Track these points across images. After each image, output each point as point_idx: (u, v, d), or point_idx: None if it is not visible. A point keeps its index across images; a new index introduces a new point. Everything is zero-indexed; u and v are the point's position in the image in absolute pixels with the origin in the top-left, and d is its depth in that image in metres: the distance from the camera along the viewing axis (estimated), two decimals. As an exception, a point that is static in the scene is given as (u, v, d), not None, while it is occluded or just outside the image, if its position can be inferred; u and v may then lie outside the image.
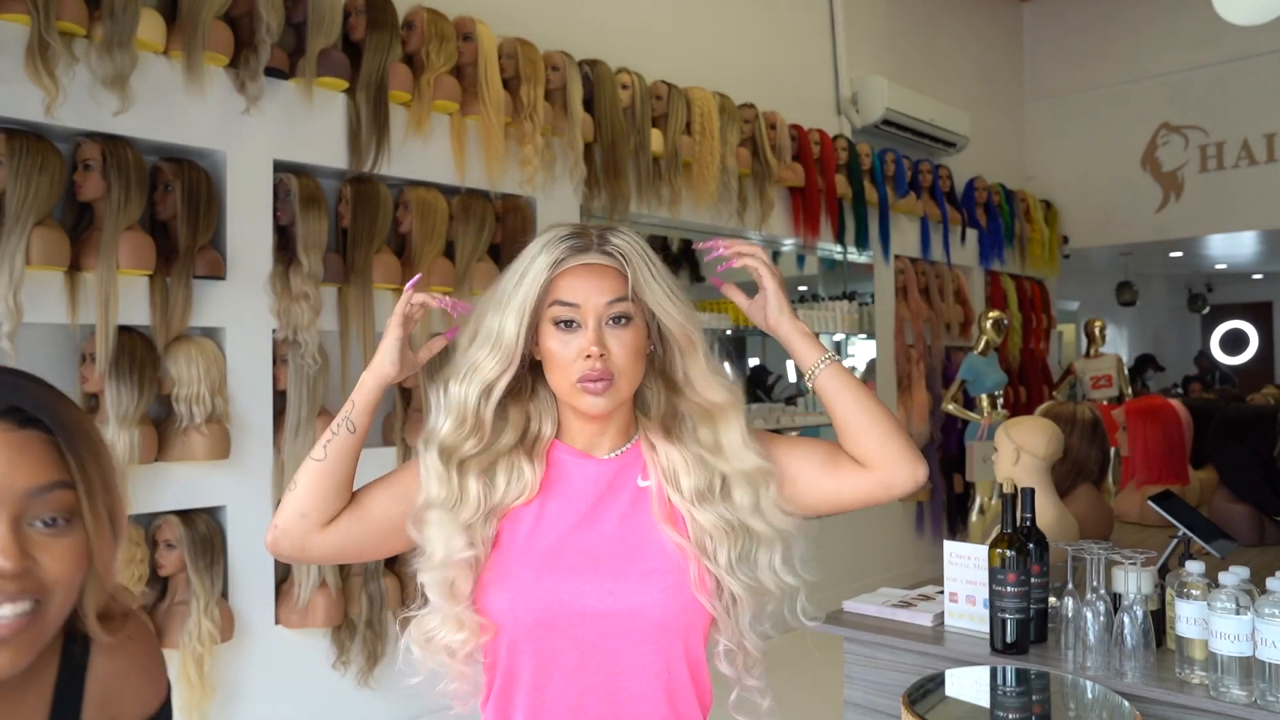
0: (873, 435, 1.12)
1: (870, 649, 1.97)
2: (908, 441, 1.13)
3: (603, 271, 1.08)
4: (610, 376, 1.07)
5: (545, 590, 1.06)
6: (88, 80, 2.41)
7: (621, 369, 1.08)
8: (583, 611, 1.06)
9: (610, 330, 1.08)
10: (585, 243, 1.09)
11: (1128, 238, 7.28)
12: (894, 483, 1.12)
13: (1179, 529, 1.95)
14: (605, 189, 3.69)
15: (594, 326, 1.07)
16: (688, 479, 1.10)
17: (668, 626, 1.07)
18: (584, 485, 1.13)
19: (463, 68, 3.26)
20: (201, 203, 2.59)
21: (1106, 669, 1.67)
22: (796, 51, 5.31)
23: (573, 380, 1.07)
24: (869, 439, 1.12)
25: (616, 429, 1.15)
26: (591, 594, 1.06)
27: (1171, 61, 6.89)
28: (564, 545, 1.09)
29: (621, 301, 1.08)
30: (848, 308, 5.23)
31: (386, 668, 2.98)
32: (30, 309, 2.28)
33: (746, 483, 1.10)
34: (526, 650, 1.07)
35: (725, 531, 1.08)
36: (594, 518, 1.11)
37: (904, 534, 5.49)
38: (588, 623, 1.06)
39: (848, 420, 1.13)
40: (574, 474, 1.13)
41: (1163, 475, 3.02)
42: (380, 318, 2.99)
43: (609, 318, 1.08)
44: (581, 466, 1.14)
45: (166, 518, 2.55)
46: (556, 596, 1.06)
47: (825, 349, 1.15)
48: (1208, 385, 9.29)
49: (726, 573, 1.07)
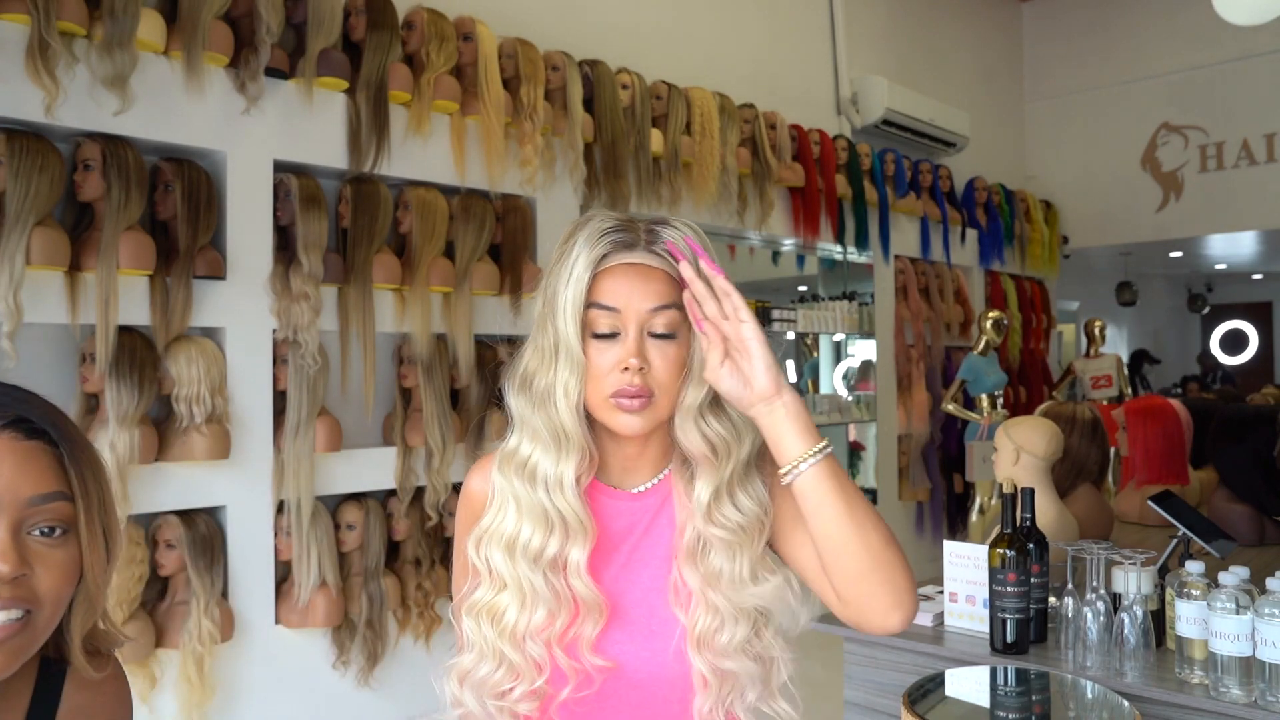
0: (848, 565, 0.91)
1: (870, 649, 1.97)
2: (890, 579, 0.91)
3: (648, 274, 0.95)
4: (649, 394, 0.94)
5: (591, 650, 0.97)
6: (88, 80, 2.40)
7: (663, 385, 0.95)
8: (629, 674, 0.97)
9: (653, 341, 0.95)
10: (631, 238, 0.96)
11: (1128, 238, 7.28)
12: (861, 624, 0.93)
13: (1179, 529, 1.95)
14: (605, 189, 3.69)
15: (634, 336, 0.94)
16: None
17: (722, 688, 0.98)
18: (618, 527, 1.01)
19: (463, 68, 3.26)
20: (201, 203, 2.59)
21: (1106, 669, 1.67)
22: (796, 51, 5.31)
23: (605, 395, 0.95)
24: (842, 569, 0.92)
25: (655, 453, 1.02)
26: (635, 655, 0.97)
27: (1171, 61, 6.89)
28: (607, 600, 0.98)
29: (667, 310, 0.95)
30: (848, 308, 5.23)
31: (386, 668, 2.98)
32: (30, 309, 2.28)
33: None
34: (569, 713, 0.99)
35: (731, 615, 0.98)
36: (630, 567, 1.01)
37: (904, 534, 5.49)
38: (638, 687, 0.97)
39: (824, 539, 0.92)
40: (608, 513, 1.02)
41: (1163, 475, 3.02)
42: (380, 318, 3.00)
43: (652, 327, 0.95)
44: (615, 505, 1.02)
45: (166, 518, 2.55)
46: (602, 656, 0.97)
47: (821, 437, 0.92)
48: (1205, 386, 9.29)
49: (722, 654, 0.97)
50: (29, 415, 0.78)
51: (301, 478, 2.74)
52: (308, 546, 2.74)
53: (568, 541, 0.97)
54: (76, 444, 0.80)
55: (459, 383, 3.18)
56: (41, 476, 0.77)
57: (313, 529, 2.75)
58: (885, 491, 5.38)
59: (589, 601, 0.96)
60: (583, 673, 0.96)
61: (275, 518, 2.75)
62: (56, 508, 0.78)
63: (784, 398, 0.91)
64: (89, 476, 0.80)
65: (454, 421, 3.12)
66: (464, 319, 3.16)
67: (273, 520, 2.75)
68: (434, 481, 3.05)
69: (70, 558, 0.79)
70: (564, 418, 0.95)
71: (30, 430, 0.78)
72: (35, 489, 0.77)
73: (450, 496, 3.10)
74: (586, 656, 0.95)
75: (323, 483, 2.85)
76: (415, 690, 3.07)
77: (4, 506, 0.75)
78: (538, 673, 0.95)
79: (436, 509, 3.05)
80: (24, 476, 0.76)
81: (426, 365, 3.05)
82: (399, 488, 3.01)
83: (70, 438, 0.80)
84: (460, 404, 3.20)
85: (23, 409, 0.79)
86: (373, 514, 2.92)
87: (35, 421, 0.79)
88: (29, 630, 0.76)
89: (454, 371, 3.16)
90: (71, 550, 0.79)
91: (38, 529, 0.77)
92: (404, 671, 3.05)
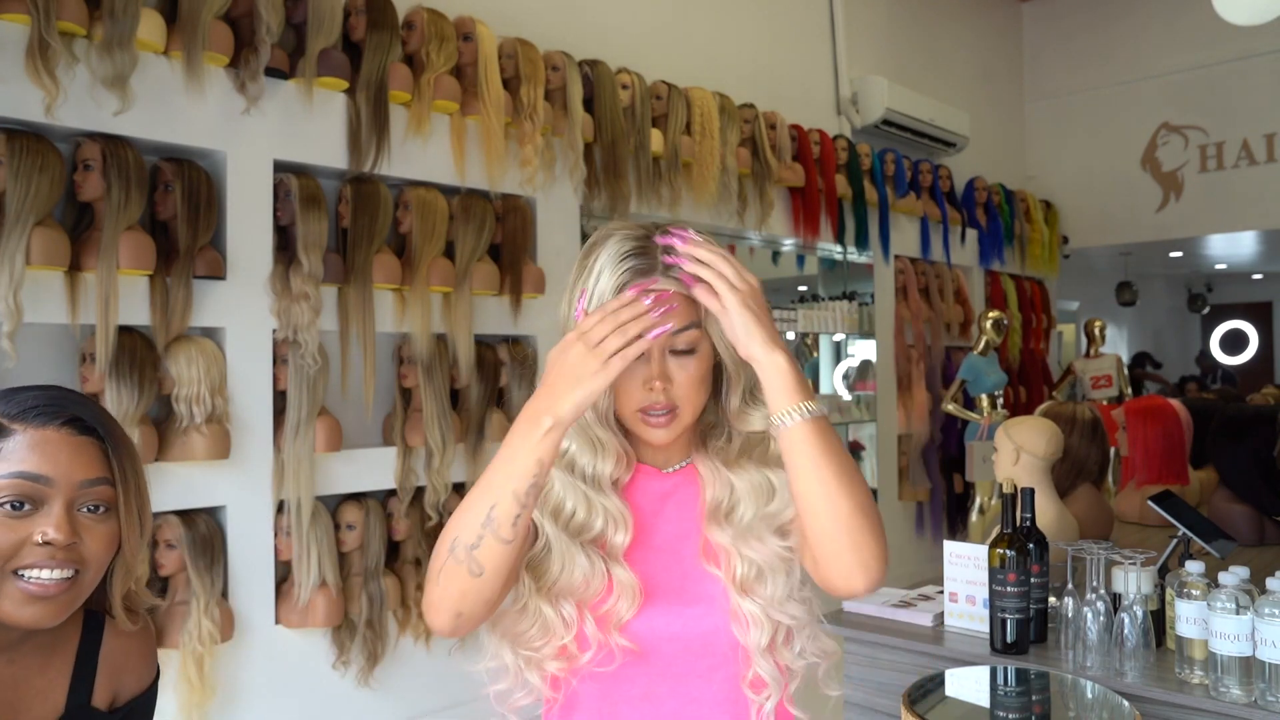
0: (817, 525, 0.95)
1: (870, 649, 1.97)
2: (856, 544, 0.94)
3: (668, 297, 0.99)
4: (674, 407, 1.01)
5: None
6: (88, 80, 2.40)
7: (686, 396, 1.02)
8: (652, 636, 1.02)
9: (674, 358, 1.01)
10: (648, 263, 1.00)
11: (1128, 238, 7.28)
12: (827, 585, 0.98)
13: (1179, 529, 1.95)
14: (605, 189, 3.69)
15: (658, 358, 1.00)
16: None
17: (740, 652, 1.03)
18: (654, 499, 1.08)
19: (463, 68, 3.26)
20: (201, 203, 2.59)
21: (1106, 669, 1.67)
22: (796, 51, 5.31)
23: (633, 409, 1.02)
24: (812, 528, 0.96)
25: (683, 441, 1.09)
26: (667, 627, 1.02)
27: (1171, 61, 6.89)
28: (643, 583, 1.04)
29: (686, 331, 1.00)
30: (848, 308, 5.23)
31: (386, 668, 2.98)
32: (30, 309, 2.28)
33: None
34: (596, 682, 1.03)
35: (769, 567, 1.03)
36: (666, 541, 1.07)
37: (904, 534, 5.49)
38: (659, 648, 1.02)
39: (798, 496, 0.97)
40: (645, 488, 1.09)
41: (1163, 475, 3.02)
42: (380, 318, 2.99)
43: (673, 346, 1.01)
44: (649, 482, 1.09)
45: (166, 518, 2.55)
46: (631, 636, 1.02)
47: (810, 395, 0.96)
48: (1204, 386, 9.29)
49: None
50: (82, 415, 0.98)
51: (301, 478, 2.74)
52: (308, 546, 2.74)
53: (608, 526, 1.04)
54: (119, 440, 1.01)
55: (459, 383, 3.18)
56: (90, 465, 0.98)
57: (313, 529, 2.75)
58: (885, 491, 5.38)
59: (626, 584, 1.02)
60: (605, 647, 1.01)
61: (275, 518, 2.75)
62: (101, 491, 0.98)
63: (774, 358, 0.95)
64: (128, 467, 1.01)
65: (454, 421, 3.12)
66: (464, 319, 3.16)
67: (273, 520, 2.75)
68: (434, 481, 3.05)
69: (111, 531, 0.99)
70: (597, 430, 1.05)
71: (82, 427, 0.98)
72: (85, 474, 0.97)
73: (451, 496, 3.10)
74: (614, 634, 1.01)
75: (323, 483, 2.85)
76: (415, 690, 3.07)
77: (60, 488, 0.95)
78: (566, 631, 1.00)
79: (436, 509, 3.05)
80: (77, 464, 0.97)
81: (426, 365, 3.05)
82: (399, 488, 3.01)
83: (114, 435, 1.00)
84: (460, 404, 3.20)
85: (77, 409, 0.99)
86: (373, 514, 2.92)
87: (87, 420, 0.99)
88: (77, 586, 0.97)
89: (454, 371, 3.16)
90: (112, 525, 0.99)
91: (86, 507, 0.97)
92: (404, 671, 3.05)
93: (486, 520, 0.91)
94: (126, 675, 1.07)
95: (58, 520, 0.94)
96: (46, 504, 0.95)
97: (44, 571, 0.93)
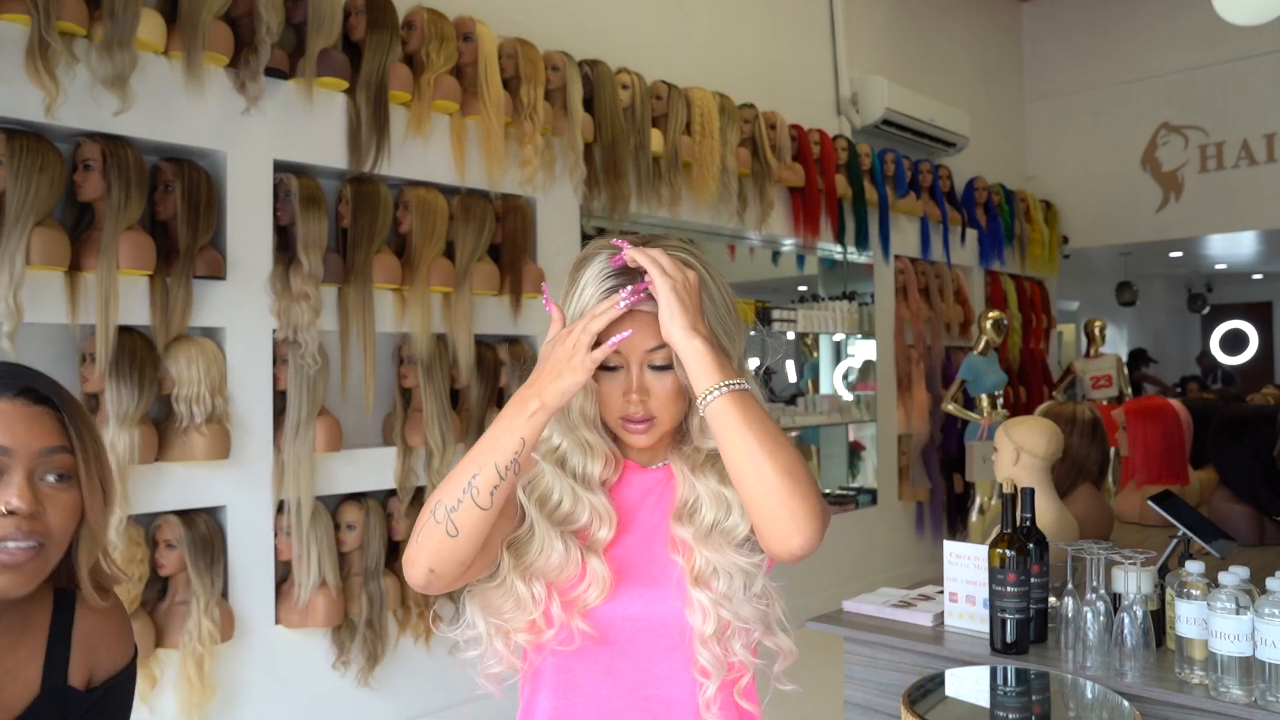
0: (748, 493, 0.99)
1: (870, 649, 1.97)
2: (787, 505, 0.96)
3: (646, 319, 1.05)
4: (652, 417, 1.09)
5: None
6: (88, 80, 2.41)
7: (664, 406, 1.09)
8: (614, 620, 1.09)
9: (651, 374, 1.08)
10: (630, 280, 1.05)
11: (1128, 238, 7.28)
12: (769, 550, 1.01)
13: (1179, 529, 1.95)
14: (605, 189, 3.69)
15: (636, 372, 1.08)
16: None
17: (691, 635, 1.08)
18: (637, 493, 1.16)
19: (463, 68, 3.26)
20: (201, 203, 2.59)
21: (1106, 669, 1.67)
22: (796, 51, 5.31)
23: (616, 417, 1.10)
24: (745, 497, 1.00)
25: (663, 443, 1.16)
26: (629, 609, 1.09)
27: (1171, 61, 6.89)
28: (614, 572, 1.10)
29: (663, 349, 1.06)
30: (848, 308, 5.23)
31: (386, 668, 2.98)
32: (30, 309, 2.28)
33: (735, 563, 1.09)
34: (560, 659, 1.10)
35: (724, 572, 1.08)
36: (642, 532, 1.14)
37: (904, 534, 5.49)
38: (621, 628, 1.09)
39: (730, 470, 1.01)
40: (631, 483, 1.16)
41: (1163, 475, 3.02)
42: (380, 317, 3.00)
43: (651, 361, 1.08)
44: (634, 477, 1.17)
45: (166, 518, 2.55)
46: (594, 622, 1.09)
47: (730, 373, 1.00)
48: (1205, 386, 9.28)
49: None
50: (35, 385, 0.98)
51: (301, 478, 2.74)
52: (308, 546, 2.74)
53: (593, 521, 1.11)
54: (74, 409, 1.01)
55: (459, 383, 3.18)
56: (48, 433, 0.97)
57: (313, 529, 2.75)
58: (885, 492, 5.39)
59: (598, 575, 1.09)
60: (567, 628, 1.08)
61: (275, 518, 2.75)
62: (61, 459, 0.98)
63: (692, 343, 1.01)
64: (85, 434, 1.00)
65: (454, 421, 3.12)
66: (464, 319, 3.16)
67: (273, 520, 2.75)
68: (434, 481, 3.05)
69: (73, 500, 0.99)
70: (586, 433, 1.12)
71: (37, 397, 0.98)
72: (44, 443, 0.96)
73: (450, 496, 3.09)
74: (576, 618, 1.08)
75: (323, 483, 2.85)
76: (415, 690, 3.07)
77: (20, 457, 0.95)
78: (535, 607, 1.07)
79: (436, 509, 3.05)
80: (35, 433, 0.96)
81: (426, 365, 3.05)
82: (399, 488, 3.02)
83: (69, 404, 1.00)
84: (460, 404, 3.20)
85: (30, 380, 0.99)
86: (373, 514, 2.92)
87: (40, 390, 0.98)
88: (41, 557, 0.96)
89: (454, 371, 3.16)
90: (74, 494, 0.99)
91: (48, 475, 0.97)
92: (404, 671, 3.05)
93: (468, 486, 0.99)
94: (102, 653, 1.06)
95: (20, 489, 0.94)
96: (6, 474, 0.94)
97: (10, 541, 0.93)
